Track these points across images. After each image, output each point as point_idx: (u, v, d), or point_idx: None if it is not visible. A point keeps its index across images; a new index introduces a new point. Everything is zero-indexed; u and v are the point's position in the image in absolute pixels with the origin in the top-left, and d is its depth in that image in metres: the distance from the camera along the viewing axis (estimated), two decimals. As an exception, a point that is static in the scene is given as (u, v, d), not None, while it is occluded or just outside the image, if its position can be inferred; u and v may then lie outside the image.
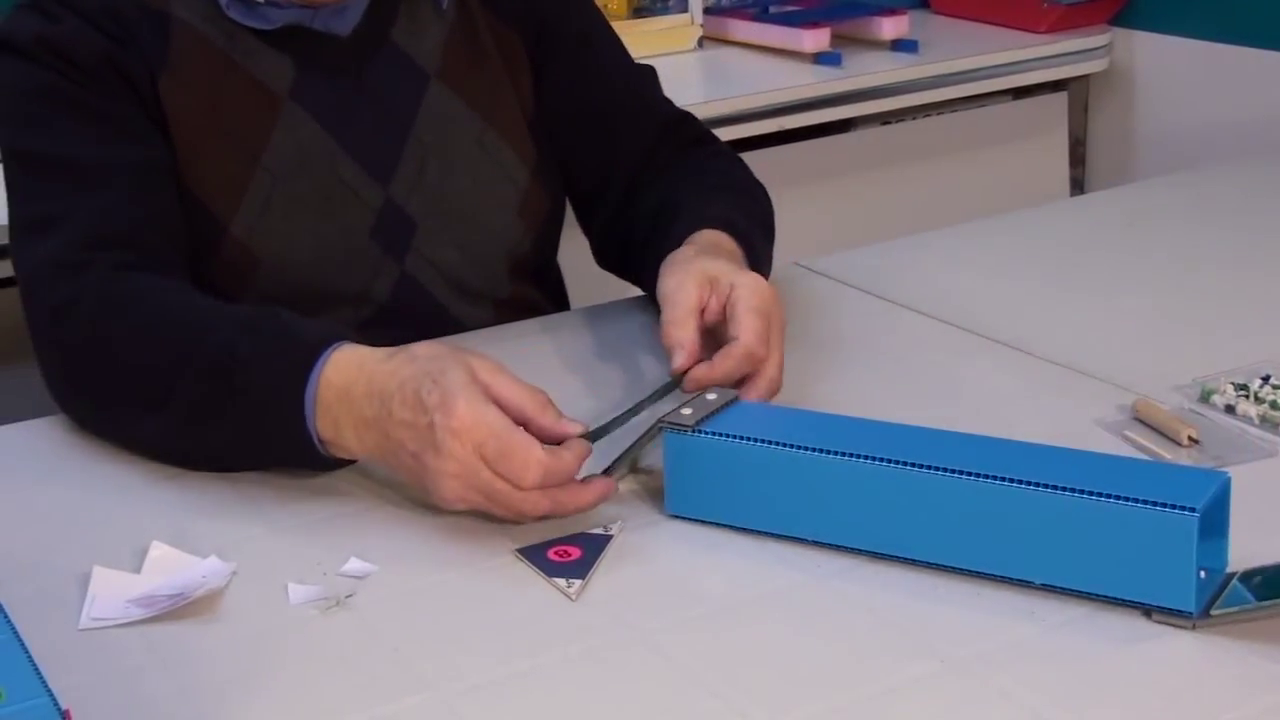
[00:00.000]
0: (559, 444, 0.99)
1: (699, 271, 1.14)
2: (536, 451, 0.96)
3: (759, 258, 1.25)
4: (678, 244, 1.20)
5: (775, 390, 1.11)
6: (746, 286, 1.12)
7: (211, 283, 1.23)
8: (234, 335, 1.07)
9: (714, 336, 1.12)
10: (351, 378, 1.02)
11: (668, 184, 1.34)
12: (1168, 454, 1.07)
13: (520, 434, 0.97)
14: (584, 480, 1.00)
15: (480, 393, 0.97)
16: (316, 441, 1.04)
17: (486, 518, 1.01)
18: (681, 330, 1.10)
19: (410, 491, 1.05)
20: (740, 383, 1.10)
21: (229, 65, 1.26)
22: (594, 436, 1.02)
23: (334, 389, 1.02)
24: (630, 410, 1.07)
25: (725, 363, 1.08)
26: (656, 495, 1.04)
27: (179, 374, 1.07)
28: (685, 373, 1.09)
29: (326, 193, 1.28)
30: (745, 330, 1.09)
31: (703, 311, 1.12)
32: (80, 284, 1.14)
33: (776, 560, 0.97)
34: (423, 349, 1.02)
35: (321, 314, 1.27)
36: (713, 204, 1.27)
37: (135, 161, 1.22)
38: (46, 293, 1.15)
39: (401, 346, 1.03)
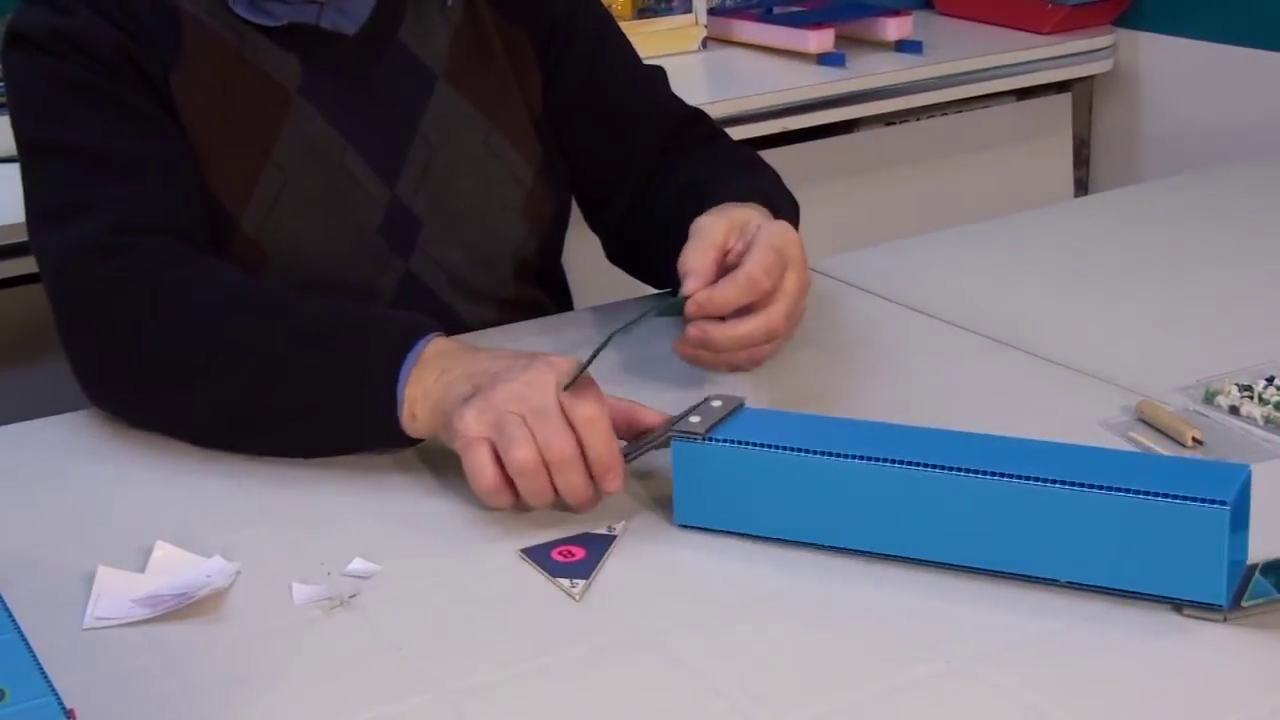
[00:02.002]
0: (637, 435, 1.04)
1: (734, 214, 1.16)
2: (605, 402, 1.00)
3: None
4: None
5: (771, 334, 1.11)
6: (769, 228, 1.13)
7: None
8: (337, 306, 1.11)
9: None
10: (461, 346, 1.07)
11: (690, 168, 1.34)
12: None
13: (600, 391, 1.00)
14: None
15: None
16: (399, 401, 1.05)
17: (491, 518, 1.01)
18: (699, 257, 1.12)
19: (415, 491, 1.05)
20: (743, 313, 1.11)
21: (238, 61, 1.27)
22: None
23: (440, 348, 1.06)
24: (634, 322, 1.06)
25: (727, 287, 1.09)
26: (661, 500, 1.03)
27: (265, 332, 1.09)
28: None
29: (336, 188, 1.29)
30: (753, 260, 1.10)
31: (727, 253, 1.13)
32: (129, 260, 1.14)
33: (781, 560, 0.97)
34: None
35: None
36: (743, 179, 1.28)
37: (160, 152, 1.23)
38: (84, 272, 1.15)
39: None
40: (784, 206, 1.28)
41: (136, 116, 1.23)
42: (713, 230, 1.14)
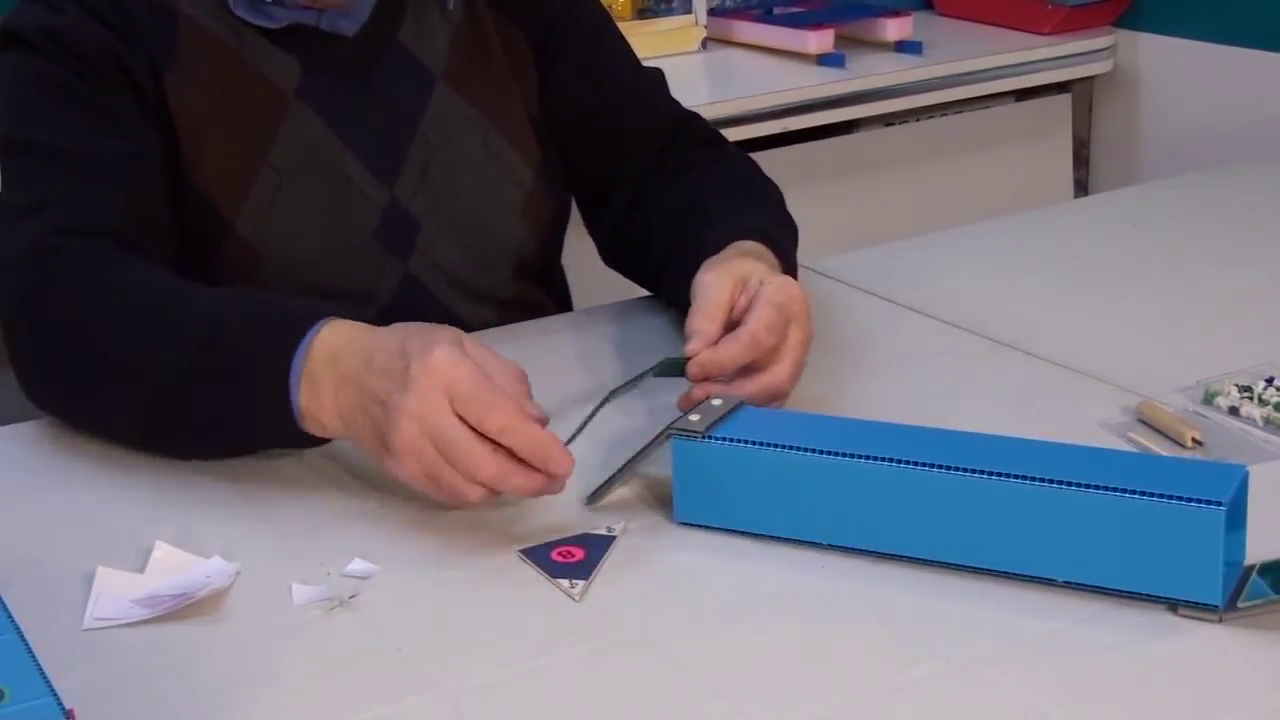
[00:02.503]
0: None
1: (736, 270, 1.15)
2: (505, 399, 0.96)
3: (791, 268, 1.24)
4: (713, 251, 1.20)
5: (776, 393, 1.10)
6: (773, 284, 1.12)
7: (215, 281, 1.22)
8: (221, 306, 1.07)
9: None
10: (344, 341, 1.03)
11: (691, 188, 1.34)
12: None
13: (493, 384, 0.96)
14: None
15: (461, 349, 0.98)
16: (296, 411, 1.03)
17: (490, 519, 1.01)
18: (706, 321, 1.11)
19: (414, 493, 1.05)
20: (747, 372, 1.10)
21: (236, 63, 1.26)
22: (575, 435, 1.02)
23: (325, 350, 1.03)
24: (633, 380, 1.04)
25: (730, 346, 1.08)
26: (661, 499, 1.04)
27: (161, 342, 1.07)
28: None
29: (333, 191, 1.28)
30: (755, 318, 1.09)
31: (732, 309, 1.12)
32: (53, 266, 1.13)
33: (781, 560, 0.97)
34: (416, 325, 1.03)
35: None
36: (746, 213, 1.27)
37: (127, 155, 1.22)
38: (19, 276, 1.15)
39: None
40: (784, 239, 1.27)
41: (114, 119, 1.23)
42: (718, 290, 1.13)
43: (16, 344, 1.15)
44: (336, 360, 1.02)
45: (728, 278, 1.14)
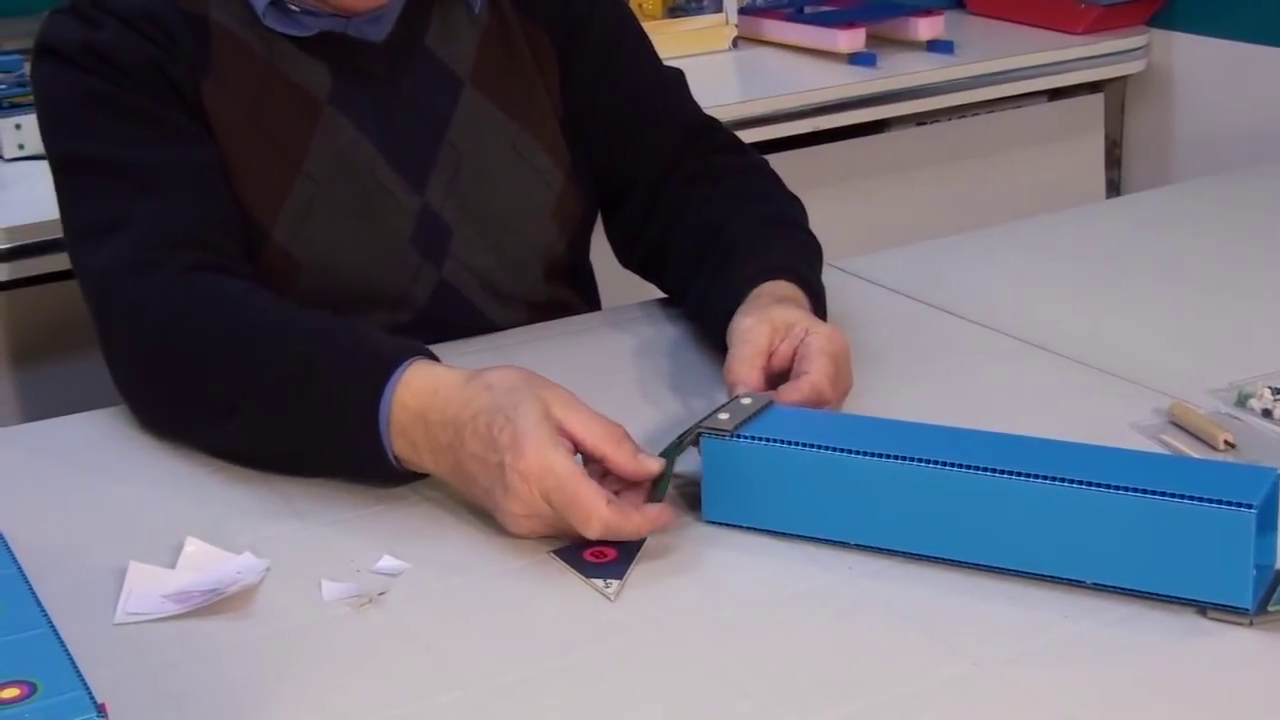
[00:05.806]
0: (637, 480, 1.00)
1: (776, 317, 1.14)
2: (601, 508, 0.95)
3: (822, 305, 1.23)
4: (740, 289, 1.19)
5: None
6: (823, 334, 1.12)
7: None
8: (310, 344, 1.07)
9: (778, 382, 1.11)
10: (426, 402, 1.02)
11: (714, 207, 1.32)
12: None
13: (587, 486, 0.95)
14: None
15: (551, 433, 0.97)
16: (392, 458, 1.03)
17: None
18: (746, 369, 1.10)
19: (444, 490, 1.06)
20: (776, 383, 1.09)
21: (269, 71, 1.26)
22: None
23: (409, 411, 1.02)
24: (684, 435, 1.02)
25: (790, 394, 1.07)
26: (690, 499, 1.04)
27: (253, 380, 1.07)
28: None
29: (366, 198, 1.28)
30: (816, 369, 1.09)
31: (771, 356, 1.12)
32: (151, 284, 1.14)
33: (809, 561, 0.97)
34: (499, 377, 1.01)
35: (360, 318, 1.27)
36: (774, 247, 1.26)
37: (192, 163, 1.22)
38: (118, 295, 1.15)
39: (478, 371, 1.02)
40: (813, 272, 1.26)
41: (168, 128, 1.23)
42: (756, 334, 1.12)
43: (116, 365, 1.16)
44: (425, 424, 1.02)
45: (766, 323, 1.13)
